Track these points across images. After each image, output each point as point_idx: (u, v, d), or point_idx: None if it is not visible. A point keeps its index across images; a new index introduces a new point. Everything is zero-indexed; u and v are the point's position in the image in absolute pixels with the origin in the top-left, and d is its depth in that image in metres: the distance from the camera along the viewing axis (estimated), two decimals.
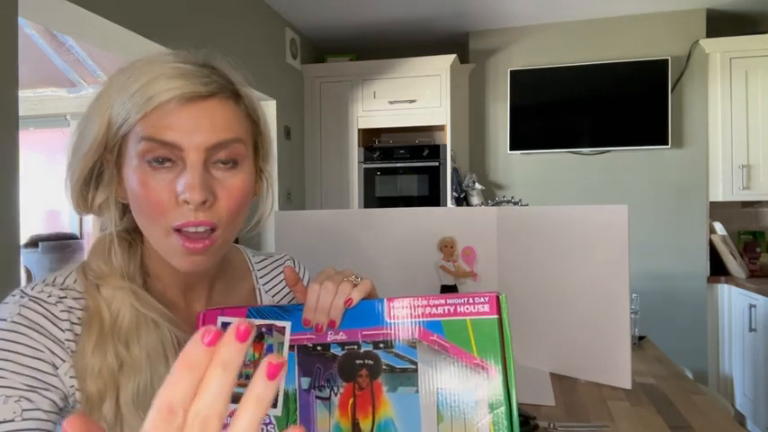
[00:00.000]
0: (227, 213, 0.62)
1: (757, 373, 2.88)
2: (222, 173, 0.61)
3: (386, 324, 0.57)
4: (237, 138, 0.62)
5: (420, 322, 0.57)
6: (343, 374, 0.58)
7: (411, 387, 0.56)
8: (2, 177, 1.55)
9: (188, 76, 0.59)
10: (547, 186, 3.53)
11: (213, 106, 0.60)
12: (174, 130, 0.58)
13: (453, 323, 0.56)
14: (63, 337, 0.60)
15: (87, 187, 0.65)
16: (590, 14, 3.40)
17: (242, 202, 0.63)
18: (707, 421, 1.10)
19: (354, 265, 1.54)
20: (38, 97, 3.62)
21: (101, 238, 0.68)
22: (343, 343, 0.59)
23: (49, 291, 0.62)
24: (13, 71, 1.59)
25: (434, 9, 3.28)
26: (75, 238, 3.45)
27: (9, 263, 1.58)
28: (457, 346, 0.55)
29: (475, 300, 0.56)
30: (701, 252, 3.34)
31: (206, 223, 0.60)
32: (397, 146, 3.55)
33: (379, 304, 0.58)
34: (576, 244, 1.36)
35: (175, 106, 0.58)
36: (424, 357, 0.56)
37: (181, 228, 0.60)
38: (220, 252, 0.65)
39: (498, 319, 0.55)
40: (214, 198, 0.60)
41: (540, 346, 1.43)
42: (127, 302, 0.62)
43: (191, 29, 2.44)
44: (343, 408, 0.58)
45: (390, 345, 0.57)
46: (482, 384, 0.54)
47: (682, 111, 3.35)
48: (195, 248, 0.60)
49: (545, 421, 1.06)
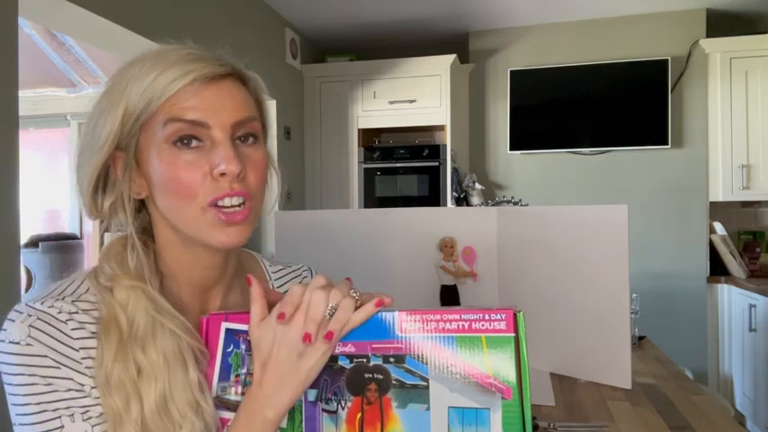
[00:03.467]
0: (257, 186, 0.63)
1: (757, 373, 2.88)
2: (246, 148, 0.63)
3: (397, 338, 0.55)
4: (255, 116, 0.65)
5: (433, 337, 0.55)
6: (351, 388, 0.56)
7: (422, 404, 0.55)
8: (2, 177, 1.55)
9: (202, 60, 0.61)
10: (547, 186, 3.53)
11: (231, 86, 0.63)
12: (199, 110, 0.60)
13: (467, 339, 0.54)
14: (78, 356, 0.58)
15: (96, 191, 0.64)
16: (590, 14, 3.40)
17: (266, 176, 0.66)
18: (707, 421, 1.10)
19: (354, 265, 1.54)
20: (38, 97, 3.61)
21: (112, 241, 0.67)
22: (352, 355, 0.57)
23: (59, 306, 0.59)
24: (13, 71, 1.59)
25: (434, 9, 3.28)
26: (75, 238, 3.44)
27: (9, 263, 1.58)
28: (470, 363, 0.54)
29: (491, 316, 0.54)
30: (701, 252, 3.34)
31: (242, 194, 0.61)
32: (397, 146, 3.55)
33: (390, 317, 0.56)
34: (576, 244, 1.36)
35: (198, 87, 0.60)
36: (436, 374, 0.54)
37: (217, 201, 0.60)
38: (253, 224, 0.65)
39: (515, 337, 0.53)
40: (245, 171, 0.62)
41: (540, 346, 1.43)
42: (141, 305, 0.61)
43: (191, 29, 2.44)
44: (350, 422, 0.56)
45: (401, 359, 0.55)
46: (497, 405, 0.53)
47: (682, 111, 3.35)
48: (234, 220, 0.61)
49: (545, 421, 1.06)
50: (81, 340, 0.58)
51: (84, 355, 0.58)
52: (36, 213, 3.65)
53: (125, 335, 0.59)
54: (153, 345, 0.60)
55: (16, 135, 1.59)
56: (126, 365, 0.58)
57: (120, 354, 0.58)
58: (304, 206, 3.64)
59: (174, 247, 0.66)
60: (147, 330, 0.60)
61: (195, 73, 0.60)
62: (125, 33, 2.07)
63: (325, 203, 3.63)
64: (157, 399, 0.58)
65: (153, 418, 0.58)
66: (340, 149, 3.61)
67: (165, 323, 0.61)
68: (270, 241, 3.33)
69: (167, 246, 0.66)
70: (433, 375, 0.54)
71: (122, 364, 0.58)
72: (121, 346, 0.59)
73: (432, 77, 3.41)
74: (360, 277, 1.62)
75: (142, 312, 0.61)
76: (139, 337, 0.60)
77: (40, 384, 0.56)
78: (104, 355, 0.58)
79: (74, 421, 0.56)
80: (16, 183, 1.59)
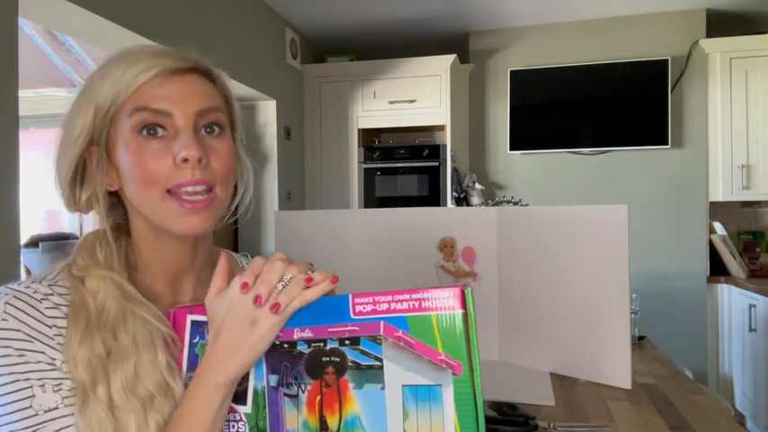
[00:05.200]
0: (221, 174, 0.65)
1: (757, 373, 2.88)
2: (210, 138, 0.65)
3: (351, 320, 0.57)
4: (219, 107, 0.67)
5: (384, 318, 0.56)
6: (310, 372, 0.58)
7: (377, 384, 0.56)
8: (2, 177, 1.55)
9: (166, 55, 0.65)
10: (547, 186, 3.53)
11: (194, 79, 0.66)
12: (162, 99, 0.63)
13: (418, 319, 0.55)
14: (51, 333, 0.60)
15: (74, 184, 0.67)
16: (590, 14, 3.41)
17: (231, 166, 0.68)
18: (707, 421, 1.10)
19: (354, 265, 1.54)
20: (38, 97, 3.61)
21: (86, 235, 0.70)
22: (310, 340, 0.58)
23: (35, 287, 0.62)
24: (14, 71, 1.59)
25: (434, 9, 3.28)
26: (75, 238, 3.44)
27: (9, 263, 1.58)
28: (422, 342, 0.54)
29: (440, 294, 0.54)
30: (701, 252, 3.34)
31: (204, 181, 0.63)
32: (397, 146, 3.55)
33: (343, 300, 0.57)
34: (576, 244, 1.36)
35: (162, 80, 0.64)
36: (390, 354, 0.55)
37: (179, 188, 0.62)
38: (217, 214, 0.67)
39: (464, 313, 0.54)
40: (207, 159, 0.64)
41: (540, 346, 1.43)
42: (112, 294, 0.63)
43: (191, 29, 2.44)
44: (310, 405, 0.58)
45: (356, 341, 0.56)
46: (447, 381, 0.54)
47: (681, 111, 3.35)
48: (195, 207, 0.63)
49: (545, 421, 1.06)
50: (54, 319, 0.61)
51: (57, 332, 0.61)
52: (36, 213, 3.65)
53: (92, 320, 0.61)
54: (123, 330, 0.62)
55: (16, 135, 1.59)
56: (92, 347, 0.60)
57: (86, 336, 0.60)
58: (304, 206, 3.64)
59: (146, 237, 0.69)
60: (118, 317, 0.63)
61: (158, 67, 0.63)
62: (125, 33, 2.07)
63: (325, 203, 3.63)
64: (125, 378, 0.60)
65: (120, 397, 0.59)
66: (340, 149, 3.61)
67: (136, 311, 0.64)
68: (270, 241, 3.33)
69: (141, 237, 0.69)
70: (387, 355, 0.56)
71: (89, 347, 0.60)
72: (88, 330, 0.61)
73: (432, 77, 3.41)
74: (360, 277, 1.61)
75: (112, 300, 0.63)
76: (110, 322, 0.62)
77: (14, 356, 0.58)
78: (72, 337, 0.60)
79: (44, 392, 0.58)
80: (16, 183, 1.59)
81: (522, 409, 1.09)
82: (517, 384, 1.31)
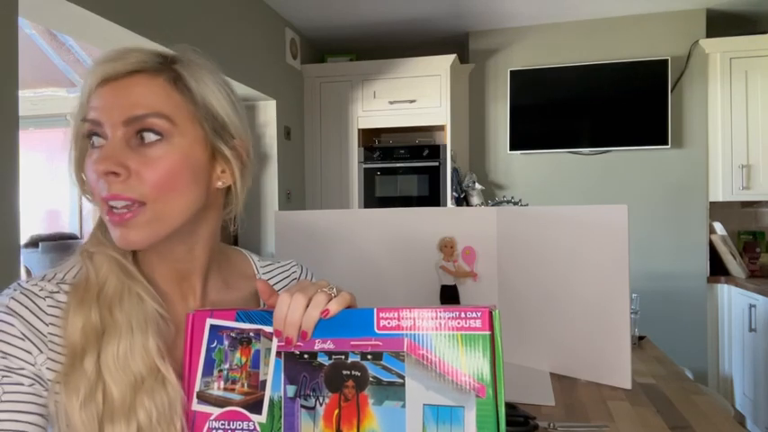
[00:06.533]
0: (153, 188, 0.61)
1: (757, 373, 2.88)
2: (145, 148, 0.62)
3: (375, 335, 0.56)
4: (158, 112, 0.62)
5: (409, 335, 0.55)
6: (329, 385, 0.57)
7: (397, 401, 0.55)
8: (2, 177, 1.55)
9: (108, 61, 0.63)
10: (547, 186, 3.53)
11: (133, 83, 0.63)
12: (96, 109, 0.63)
13: (443, 337, 0.54)
14: (45, 330, 0.61)
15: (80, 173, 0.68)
16: (590, 14, 3.41)
17: (171, 177, 0.62)
18: (707, 421, 1.10)
19: (354, 265, 1.54)
20: (38, 97, 3.61)
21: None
22: (331, 352, 0.57)
23: (42, 285, 0.63)
24: (14, 71, 1.59)
25: (434, 9, 3.28)
26: (75, 238, 3.44)
27: (9, 263, 1.58)
28: (446, 361, 0.54)
29: (467, 314, 0.54)
30: (701, 252, 3.34)
31: (122, 197, 0.61)
32: (397, 146, 3.55)
33: (368, 314, 0.57)
34: (575, 244, 1.36)
35: (98, 88, 0.63)
36: (412, 371, 0.55)
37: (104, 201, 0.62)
38: (157, 228, 0.63)
39: (491, 335, 0.53)
40: (128, 172, 0.61)
41: (540, 346, 1.43)
42: (114, 271, 0.64)
43: (191, 29, 2.44)
44: (327, 419, 0.57)
45: (378, 356, 0.56)
46: (471, 403, 0.53)
47: (681, 111, 3.36)
48: (121, 221, 0.61)
49: (545, 421, 1.06)
50: (53, 317, 0.62)
51: (53, 330, 0.61)
52: (36, 213, 3.65)
53: (91, 293, 0.63)
54: (119, 307, 0.63)
55: (16, 135, 1.59)
56: (88, 317, 0.61)
57: (82, 305, 0.62)
58: (304, 206, 3.64)
59: None
60: (116, 293, 0.63)
61: (95, 76, 0.63)
62: (125, 33, 2.07)
63: (325, 203, 3.63)
64: (117, 354, 0.60)
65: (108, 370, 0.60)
66: (340, 149, 3.61)
67: (133, 287, 0.64)
68: (270, 241, 3.33)
69: None
70: (410, 373, 0.55)
71: (85, 316, 0.61)
72: (86, 300, 0.62)
73: (432, 77, 3.41)
74: (360, 277, 1.62)
75: (113, 277, 0.64)
76: (108, 298, 0.63)
77: None
78: (70, 305, 0.62)
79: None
80: (16, 183, 1.59)
81: (522, 409, 1.09)
82: (517, 384, 1.31)
